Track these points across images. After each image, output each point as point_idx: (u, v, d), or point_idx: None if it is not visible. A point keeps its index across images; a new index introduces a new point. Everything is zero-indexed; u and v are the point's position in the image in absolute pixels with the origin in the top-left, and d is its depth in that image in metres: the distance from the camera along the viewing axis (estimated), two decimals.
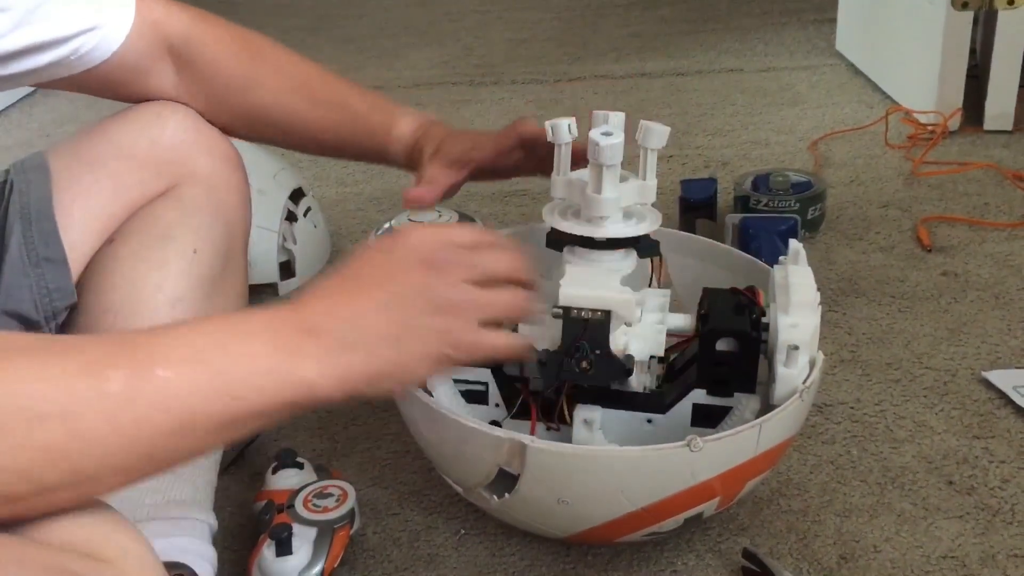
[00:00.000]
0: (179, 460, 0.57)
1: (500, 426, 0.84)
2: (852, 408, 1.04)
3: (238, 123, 0.94)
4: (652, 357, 0.81)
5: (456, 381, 0.88)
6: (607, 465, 0.74)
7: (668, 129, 0.79)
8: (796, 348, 0.76)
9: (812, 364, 0.79)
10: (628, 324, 0.80)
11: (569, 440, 0.82)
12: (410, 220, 1.28)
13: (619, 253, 0.83)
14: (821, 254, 1.34)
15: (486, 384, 0.87)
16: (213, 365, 0.55)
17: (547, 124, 0.82)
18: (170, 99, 0.91)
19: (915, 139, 1.66)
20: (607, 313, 0.77)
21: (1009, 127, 1.67)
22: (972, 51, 1.67)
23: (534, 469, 0.74)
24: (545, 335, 0.80)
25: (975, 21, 1.65)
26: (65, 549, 0.53)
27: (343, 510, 0.86)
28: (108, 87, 0.89)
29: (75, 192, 0.87)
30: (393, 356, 0.61)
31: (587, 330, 0.77)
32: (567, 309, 0.77)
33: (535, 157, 0.96)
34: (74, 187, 0.87)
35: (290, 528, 0.82)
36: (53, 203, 0.86)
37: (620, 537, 0.81)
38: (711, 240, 1.00)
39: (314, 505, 0.86)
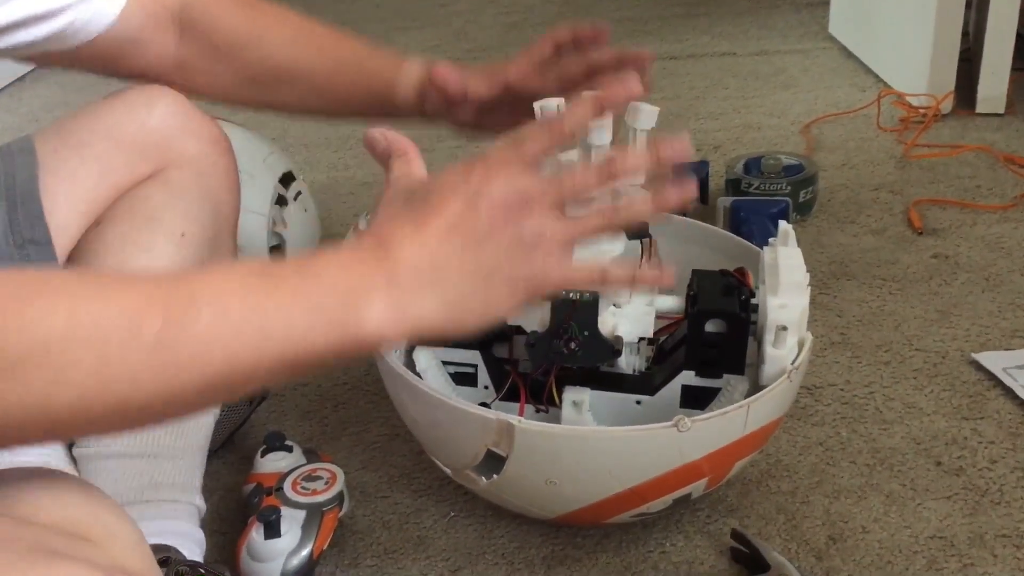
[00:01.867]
0: (210, 405, 0.59)
1: (489, 408, 0.84)
2: (842, 390, 1.04)
3: (243, 84, 0.92)
4: (641, 339, 0.81)
5: (445, 363, 0.87)
6: (595, 445, 0.74)
7: (657, 109, 0.79)
8: (784, 329, 0.76)
9: (801, 345, 0.79)
10: (617, 306, 0.80)
11: (558, 422, 0.82)
12: None
13: (607, 234, 0.82)
14: (812, 237, 1.34)
15: (475, 366, 0.87)
16: (263, 308, 0.49)
17: (536, 106, 0.81)
18: (170, 70, 0.89)
19: (907, 122, 1.66)
20: (596, 294, 0.77)
21: (1001, 110, 1.67)
22: (964, 34, 1.67)
23: (522, 449, 0.74)
24: (534, 317, 0.80)
25: (967, 4, 1.64)
26: (51, 529, 0.53)
27: (332, 493, 0.86)
28: (107, 61, 0.87)
29: (61, 175, 0.87)
30: (478, 297, 0.54)
31: (576, 311, 0.77)
32: (555, 299, 0.77)
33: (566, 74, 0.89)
34: (61, 170, 0.87)
35: (278, 511, 0.82)
36: (39, 185, 0.85)
37: (609, 518, 0.81)
38: (701, 222, 1.00)
39: (303, 488, 0.86)
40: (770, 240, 0.86)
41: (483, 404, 0.85)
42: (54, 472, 0.63)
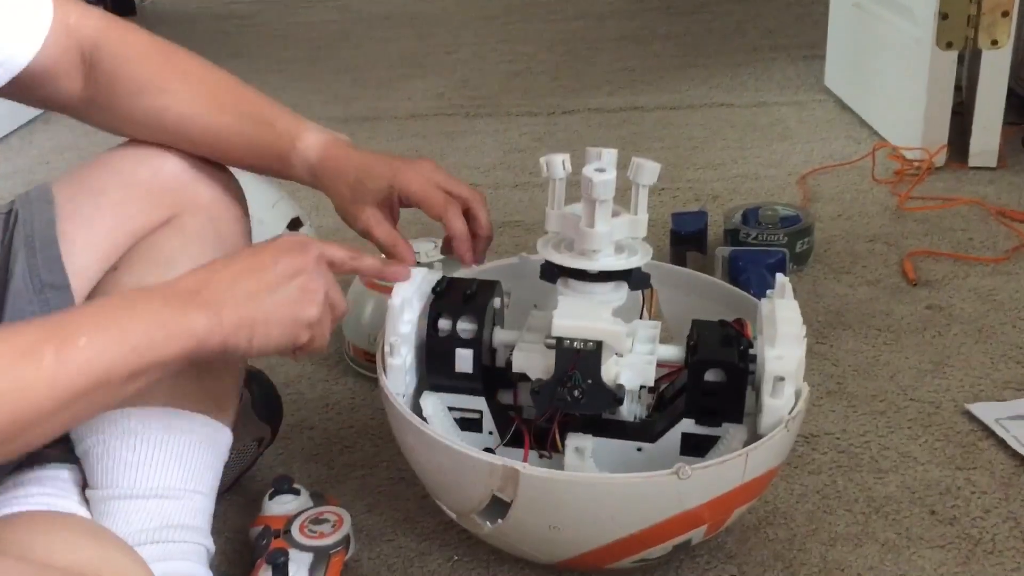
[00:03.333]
0: (99, 410, 0.70)
1: (494, 453, 0.86)
2: (838, 439, 1.06)
3: (139, 128, 0.93)
4: (642, 387, 0.84)
5: (451, 409, 0.89)
6: (598, 492, 0.76)
7: (659, 166, 0.82)
8: (782, 379, 0.78)
9: (798, 395, 0.81)
10: (619, 354, 0.82)
11: (561, 468, 0.84)
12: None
13: (610, 285, 0.85)
14: (809, 287, 1.37)
15: (480, 412, 0.89)
16: (120, 325, 0.68)
17: (541, 160, 0.85)
18: (76, 104, 0.91)
19: (901, 174, 1.70)
20: (599, 343, 0.79)
21: (993, 163, 1.70)
22: (957, 89, 1.71)
23: (526, 495, 0.76)
24: (538, 365, 0.82)
25: (960, 60, 1.68)
26: (65, 572, 0.54)
27: (339, 536, 0.87)
28: (21, 90, 0.88)
29: (78, 221, 0.89)
30: (255, 310, 0.73)
31: (579, 360, 0.79)
32: (560, 340, 0.79)
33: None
34: (77, 216, 0.89)
35: (286, 553, 0.84)
36: (57, 231, 0.88)
37: (610, 563, 0.83)
38: (700, 273, 1.02)
39: (310, 531, 0.88)
40: (768, 292, 0.89)
41: (488, 449, 0.87)
42: (65, 516, 0.65)
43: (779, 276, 0.88)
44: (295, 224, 1.41)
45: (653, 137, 1.99)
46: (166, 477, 0.84)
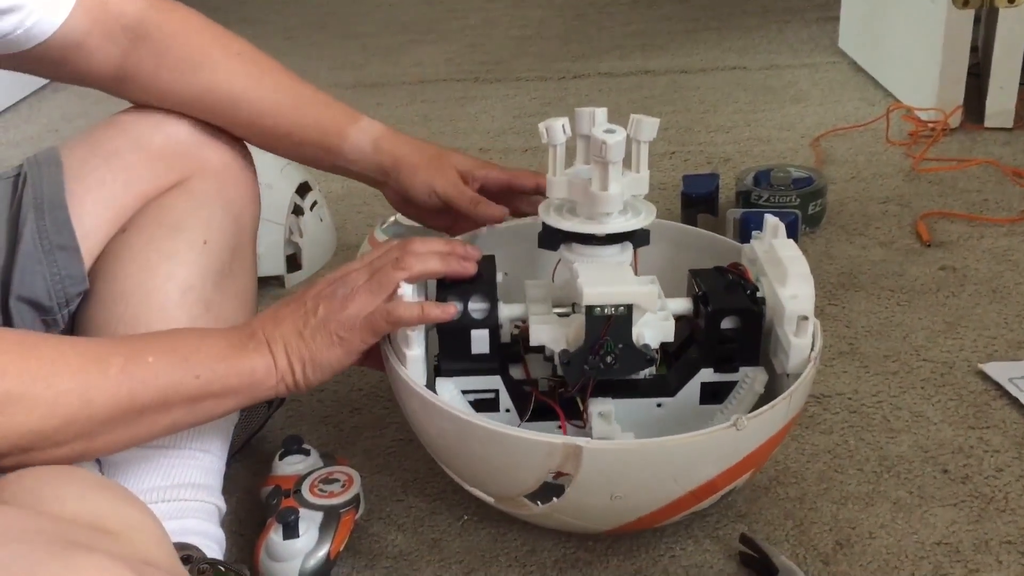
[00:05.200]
0: (153, 435, 0.74)
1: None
2: (850, 399, 1.05)
3: (185, 103, 0.92)
4: (661, 343, 0.83)
5: (464, 392, 0.86)
6: (663, 455, 0.74)
7: (657, 120, 0.81)
8: (806, 318, 0.79)
9: (814, 334, 0.81)
10: (649, 313, 0.80)
11: (587, 434, 0.83)
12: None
13: (617, 247, 0.84)
14: (821, 248, 1.36)
15: (495, 391, 0.86)
16: (184, 353, 0.73)
17: (541, 126, 0.82)
18: (108, 78, 0.91)
19: (916, 136, 1.68)
20: (629, 307, 0.78)
21: (1009, 124, 1.68)
22: (973, 49, 1.68)
23: (590, 470, 0.73)
24: (557, 336, 0.81)
25: (976, 19, 1.66)
26: (73, 522, 0.54)
27: (348, 495, 0.88)
28: (51, 64, 0.88)
29: (88, 183, 0.89)
30: (302, 346, 0.77)
31: (611, 326, 0.78)
32: (590, 308, 0.77)
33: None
34: (87, 178, 0.89)
35: (297, 512, 0.84)
36: (66, 193, 0.87)
37: (663, 522, 0.82)
38: (678, 223, 1.02)
39: (320, 490, 0.88)
40: (754, 234, 0.88)
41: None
42: (77, 469, 0.65)
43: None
44: (304, 189, 1.41)
45: (664, 101, 1.97)
46: (176, 437, 0.84)
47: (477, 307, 0.83)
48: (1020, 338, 1.13)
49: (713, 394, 0.85)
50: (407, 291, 0.79)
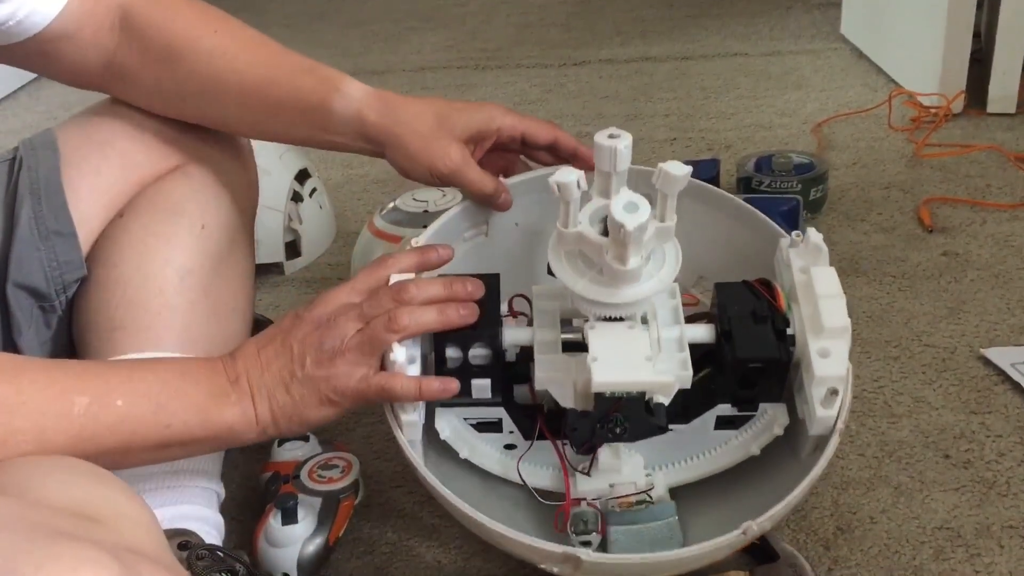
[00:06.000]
0: (112, 469, 0.67)
1: (515, 447, 0.82)
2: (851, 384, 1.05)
3: (170, 96, 0.88)
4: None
5: (466, 418, 0.82)
6: (665, 567, 0.72)
7: (690, 169, 0.70)
8: (836, 392, 0.74)
9: (842, 399, 0.75)
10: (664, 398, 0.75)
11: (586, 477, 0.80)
12: (414, 199, 1.29)
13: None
14: (823, 234, 1.34)
15: (499, 419, 0.82)
16: (157, 400, 0.69)
17: (551, 181, 0.71)
18: (102, 75, 0.87)
19: (918, 122, 1.67)
20: (641, 392, 0.73)
21: (1012, 110, 1.67)
22: (976, 35, 1.67)
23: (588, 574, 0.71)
24: (564, 382, 0.76)
25: (979, 4, 1.64)
26: (58, 510, 0.53)
27: (347, 481, 0.88)
28: (43, 58, 0.85)
29: (84, 169, 0.88)
30: (287, 400, 0.73)
31: (621, 405, 0.74)
32: (599, 394, 0.73)
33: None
34: (83, 165, 0.89)
35: (295, 498, 0.84)
36: (62, 178, 0.87)
37: None
38: (736, 198, 0.93)
39: (319, 476, 0.88)
40: (794, 235, 0.82)
41: (509, 445, 0.83)
42: (64, 458, 0.64)
43: (811, 232, 0.81)
44: (303, 175, 1.40)
45: (665, 88, 1.96)
46: None
47: (478, 354, 0.77)
48: (1022, 323, 1.13)
49: (729, 421, 0.81)
50: (400, 356, 0.73)
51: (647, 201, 0.69)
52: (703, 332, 0.79)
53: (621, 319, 0.76)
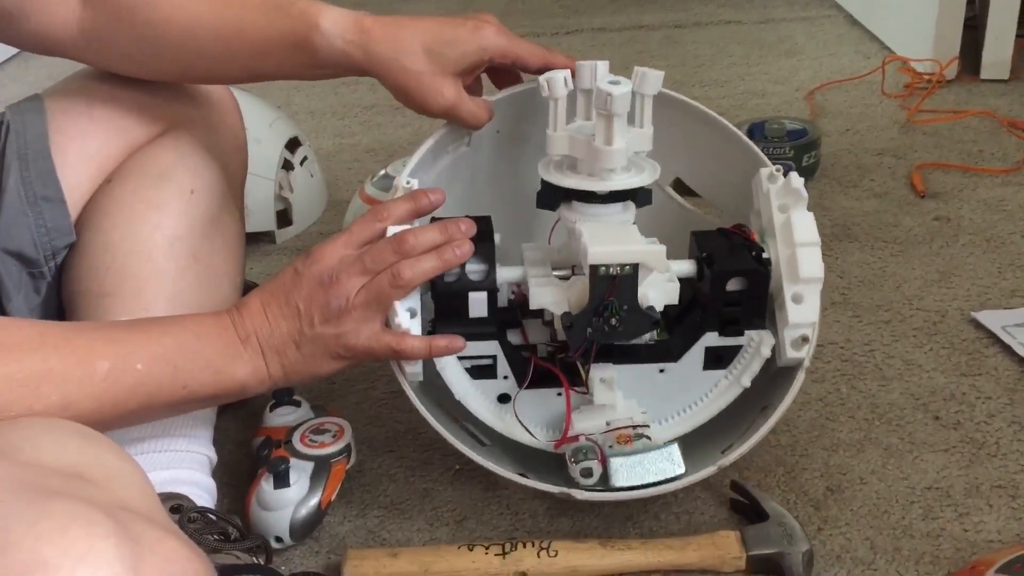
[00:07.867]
0: (132, 425, 0.74)
1: (510, 398, 0.83)
2: (842, 348, 1.05)
3: (143, 52, 0.85)
4: (664, 307, 0.79)
5: (461, 358, 0.83)
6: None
7: (662, 74, 0.77)
8: (806, 340, 0.79)
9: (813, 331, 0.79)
10: (653, 274, 0.78)
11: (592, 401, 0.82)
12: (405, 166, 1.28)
13: (619, 205, 0.80)
14: (815, 200, 1.33)
15: (493, 357, 0.83)
16: (174, 361, 0.72)
17: (541, 79, 0.78)
18: (75, 39, 0.84)
19: (911, 88, 1.66)
20: (635, 266, 0.75)
21: (1005, 76, 1.67)
22: (970, 3, 1.66)
23: None
24: (558, 299, 0.78)
25: None
26: (51, 470, 0.53)
27: (339, 445, 0.88)
28: (8, 22, 0.82)
29: (72, 134, 0.88)
30: (298, 357, 0.76)
31: (616, 286, 0.75)
32: (594, 267, 0.74)
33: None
34: (71, 129, 0.88)
35: (287, 462, 0.84)
36: (50, 144, 0.86)
37: None
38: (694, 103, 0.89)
39: (311, 440, 0.88)
40: (773, 172, 0.82)
41: (504, 395, 0.83)
42: (56, 420, 0.64)
43: (792, 176, 0.82)
44: (293, 144, 1.39)
45: (658, 55, 1.95)
46: None
47: (475, 268, 0.79)
48: (1013, 286, 1.13)
49: (717, 359, 0.83)
50: (404, 319, 0.76)
51: (630, 82, 0.76)
52: (686, 266, 0.82)
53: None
